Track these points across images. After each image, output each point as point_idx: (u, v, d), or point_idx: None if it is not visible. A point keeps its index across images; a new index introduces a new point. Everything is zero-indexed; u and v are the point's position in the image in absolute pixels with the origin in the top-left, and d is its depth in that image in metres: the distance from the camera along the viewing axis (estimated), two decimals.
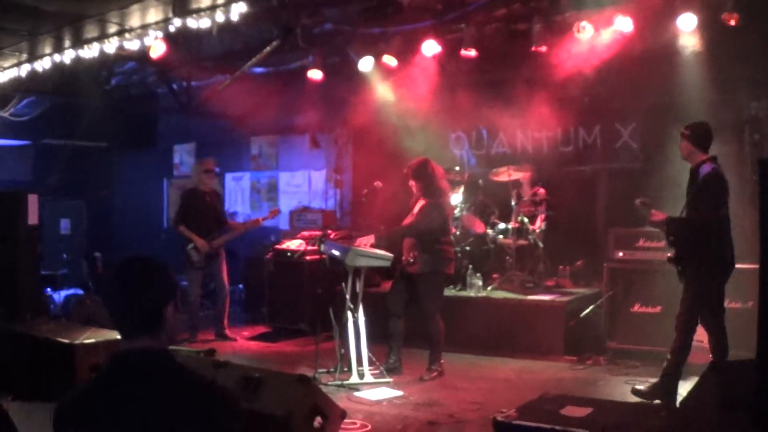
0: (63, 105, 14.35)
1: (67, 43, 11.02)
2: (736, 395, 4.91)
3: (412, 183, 8.67)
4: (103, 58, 11.09)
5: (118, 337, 2.91)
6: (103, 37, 10.62)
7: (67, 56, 11.17)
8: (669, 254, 7.19)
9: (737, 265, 7.08)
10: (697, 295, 7.01)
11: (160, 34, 10.11)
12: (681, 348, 7.09)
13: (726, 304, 7.16)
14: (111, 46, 10.67)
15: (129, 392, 2.73)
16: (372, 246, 8.48)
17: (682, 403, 6.65)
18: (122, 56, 11.44)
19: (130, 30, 10.37)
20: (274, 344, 10.76)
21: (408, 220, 8.68)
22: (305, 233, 12.07)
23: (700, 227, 6.97)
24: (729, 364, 6.51)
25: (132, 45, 10.56)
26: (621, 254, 9.17)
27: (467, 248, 10.96)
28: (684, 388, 6.95)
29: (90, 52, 10.86)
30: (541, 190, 11.11)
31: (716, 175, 7.00)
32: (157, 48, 10.45)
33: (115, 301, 2.85)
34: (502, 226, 11.02)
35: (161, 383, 2.77)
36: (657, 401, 7.06)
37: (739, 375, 5.28)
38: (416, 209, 8.67)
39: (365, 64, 11.15)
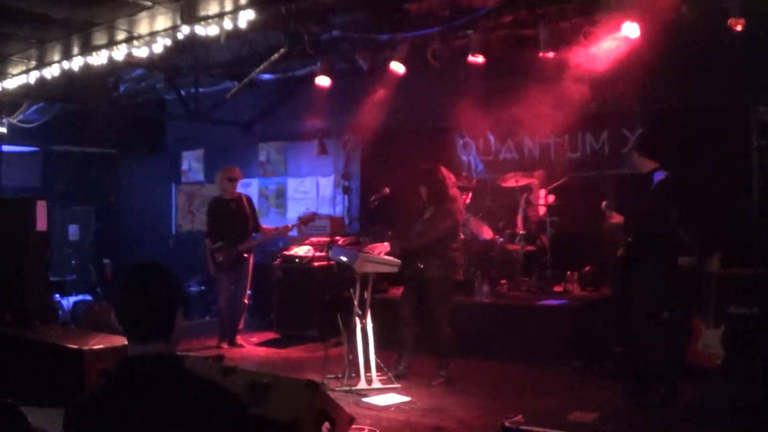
0: (71, 112, 14.41)
1: (75, 50, 11.06)
2: (745, 399, 4.93)
3: (422, 189, 8.69)
4: (112, 65, 11.13)
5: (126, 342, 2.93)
6: (111, 44, 10.66)
7: (76, 63, 11.20)
8: (619, 253, 7.59)
9: (743, 271, 7.14)
10: (651, 295, 7.28)
11: (168, 41, 10.15)
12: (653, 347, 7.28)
13: (734, 309, 7.20)
14: (119, 53, 10.71)
15: (138, 397, 2.74)
16: (387, 254, 8.49)
17: (690, 407, 6.67)
18: (131, 63, 11.49)
19: (139, 37, 10.42)
20: (282, 350, 10.78)
21: (420, 229, 8.68)
22: (313, 239, 12.10)
23: (654, 231, 7.26)
24: (738, 368, 6.54)
25: (140, 52, 10.60)
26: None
27: (475, 254, 10.97)
28: (692, 392, 6.96)
29: (98, 59, 10.89)
30: (551, 197, 11.11)
31: (669, 183, 7.31)
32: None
33: (126, 305, 2.86)
34: (510, 232, 11.02)
35: (170, 388, 2.79)
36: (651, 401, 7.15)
37: (748, 379, 5.30)
38: (427, 215, 8.68)
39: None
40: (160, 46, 10.26)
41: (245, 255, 10.83)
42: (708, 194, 9.65)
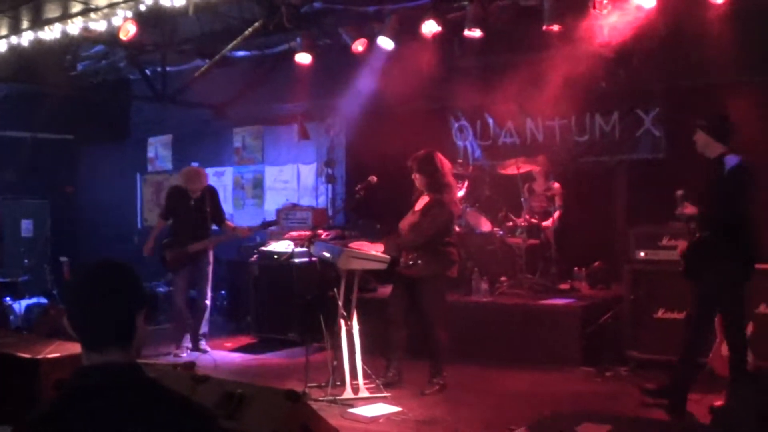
0: (23, 93, 14.36)
1: (25, 23, 11.00)
2: None
3: (416, 176, 8.66)
4: (67, 41, 11.06)
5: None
6: (65, 16, 10.60)
7: (26, 38, 11.14)
8: (681, 249, 7.37)
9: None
10: (716, 297, 7.12)
11: (129, 13, 10.08)
12: (693, 348, 7.20)
13: (763, 309, 7.17)
14: (75, 27, 10.65)
15: (96, 411, 2.69)
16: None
17: (714, 416, 6.66)
18: (88, 38, 11.41)
19: (96, 9, 10.35)
20: (259, 356, 10.76)
21: (411, 219, 8.65)
22: (294, 233, 12.06)
23: (728, 224, 7.00)
24: (765, 374, 6.53)
25: (98, 26, 10.53)
26: (643, 254, 9.13)
27: (472, 249, 10.95)
28: (715, 401, 6.95)
29: (51, 33, 10.85)
30: (556, 185, 11.10)
31: (744, 168, 7.05)
32: (127, 29, 10.42)
33: (80, 310, 2.81)
34: (511, 224, 11.02)
35: (131, 402, 2.73)
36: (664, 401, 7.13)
37: None
38: (419, 207, 8.65)
39: (359, 45, 11.12)
40: (120, 18, 10.19)
41: (199, 255, 10.80)
42: None
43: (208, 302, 10.96)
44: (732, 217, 6.98)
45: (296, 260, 11.22)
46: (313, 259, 9.02)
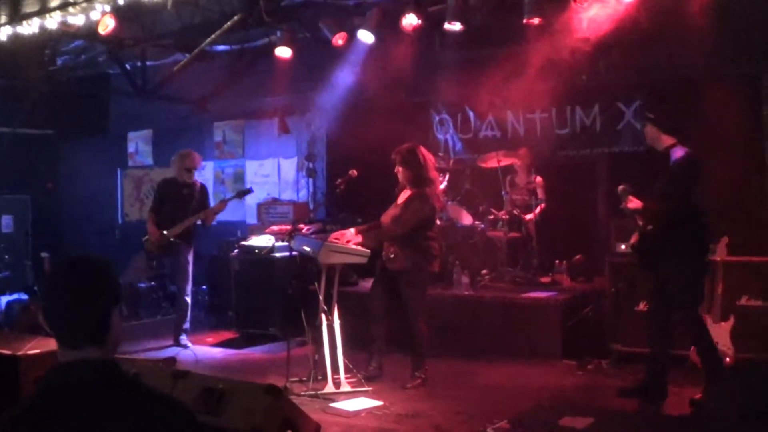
0: (1, 88, 14.24)
1: (3, 18, 10.91)
2: (758, 401, 4.91)
3: (399, 170, 8.64)
4: (45, 35, 10.99)
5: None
6: (44, 11, 10.53)
7: (4, 33, 11.06)
8: (632, 242, 7.46)
9: (758, 259, 7.12)
10: (669, 289, 7.20)
11: (107, 7, 10.01)
12: (658, 340, 7.33)
13: (745, 302, 7.19)
14: (53, 22, 10.58)
15: (71, 408, 2.67)
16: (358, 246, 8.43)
17: (697, 409, 6.67)
18: (67, 33, 11.34)
19: (74, 3, 10.28)
20: (241, 351, 10.71)
21: (393, 212, 8.63)
22: (275, 228, 12.03)
23: (677, 216, 7.11)
24: (750, 367, 6.54)
25: (77, 20, 10.47)
26: (624, 247, 9.12)
27: (453, 242, 10.94)
28: (696, 395, 6.96)
29: (30, 28, 10.77)
30: (538, 178, 11.11)
31: (690, 160, 7.14)
32: (106, 23, 10.35)
33: (54, 307, 2.79)
34: (492, 217, 11.01)
35: (107, 397, 2.71)
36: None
37: (761, 379, 5.28)
38: (401, 200, 8.63)
39: (338, 39, 11.09)
40: (98, 13, 10.13)
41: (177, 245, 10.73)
42: (712, 173, 9.68)
43: (188, 298, 10.91)
44: (677, 209, 7.05)
45: (277, 255, 11.19)
46: (294, 253, 8.98)
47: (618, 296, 9.12)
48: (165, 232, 10.58)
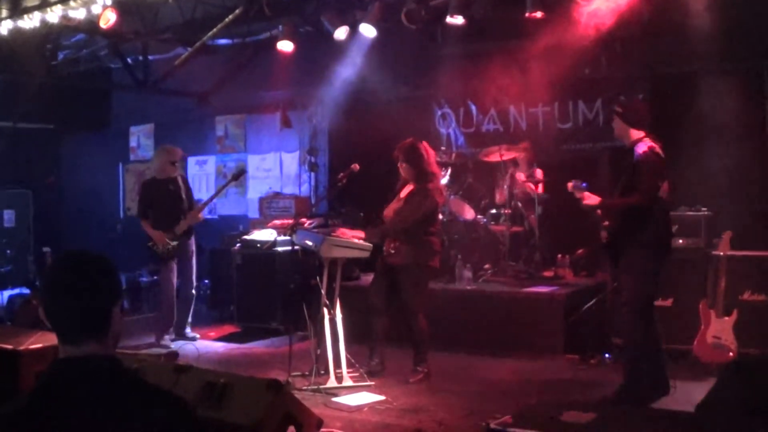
0: (3, 83, 14.20)
1: (3, 12, 10.89)
2: (760, 398, 4.87)
3: (401, 166, 8.62)
4: (47, 30, 10.97)
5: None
6: (45, 5, 10.51)
7: (5, 27, 11.05)
8: (603, 240, 7.48)
9: (761, 254, 7.09)
10: (641, 283, 7.20)
11: (108, 1, 9.99)
12: (644, 341, 7.24)
13: (748, 296, 7.16)
14: (54, 15, 10.56)
15: (72, 403, 2.66)
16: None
17: (698, 407, 6.64)
18: (69, 27, 11.31)
19: None
20: (242, 345, 10.72)
21: (396, 206, 8.62)
22: (277, 222, 12.03)
23: (638, 211, 7.12)
24: (752, 362, 6.51)
25: (78, 14, 10.45)
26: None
27: (455, 237, 10.92)
28: (701, 391, 6.93)
29: (31, 22, 10.75)
30: (539, 172, 11.08)
31: (653, 154, 7.11)
32: (107, 17, 10.33)
33: (54, 302, 2.78)
34: (494, 211, 10.99)
35: (108, 393, 2.71)
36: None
37: (763, 375, 5.24)
38: (404, 194, 8.61)
39: (341, 33, 11.05)
40: (99, 6, 10.10)
41: (185, 241, 10.74)
42: (715, 167, 9.65)
43: (194, 292, 10.92)
44: (641, 204, 7.07)
45: (279, 249, 11.18)
46: (296, 247, 8.96)
47: (620, 291, 9.09)
48: (175, 229, 10.55)
